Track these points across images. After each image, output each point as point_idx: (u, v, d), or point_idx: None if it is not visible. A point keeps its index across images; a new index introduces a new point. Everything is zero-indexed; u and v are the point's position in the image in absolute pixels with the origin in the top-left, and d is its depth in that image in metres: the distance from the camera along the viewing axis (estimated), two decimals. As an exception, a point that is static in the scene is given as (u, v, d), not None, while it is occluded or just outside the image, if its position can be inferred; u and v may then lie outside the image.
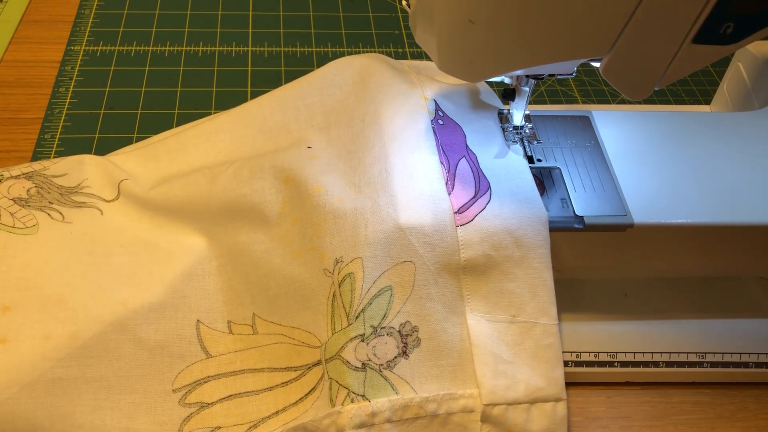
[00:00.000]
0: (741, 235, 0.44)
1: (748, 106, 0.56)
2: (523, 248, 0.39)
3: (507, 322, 0.39)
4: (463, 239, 0.39)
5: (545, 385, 0.39)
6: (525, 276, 0.39)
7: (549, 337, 0.40)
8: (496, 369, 0.39)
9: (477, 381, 0.38)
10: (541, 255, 0.40)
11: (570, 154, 0.46)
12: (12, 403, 0.34)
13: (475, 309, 0.39)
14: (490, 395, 0.38)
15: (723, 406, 0.47)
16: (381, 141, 0.43)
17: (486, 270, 0.39)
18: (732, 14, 0.33)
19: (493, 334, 0.39)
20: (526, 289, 0.39)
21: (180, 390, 0.37)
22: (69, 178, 0.43)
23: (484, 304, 0.40)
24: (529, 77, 0.44)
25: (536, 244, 0.40)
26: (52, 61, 0.66)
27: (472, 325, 0.39)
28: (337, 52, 0.71)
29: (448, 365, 0.38)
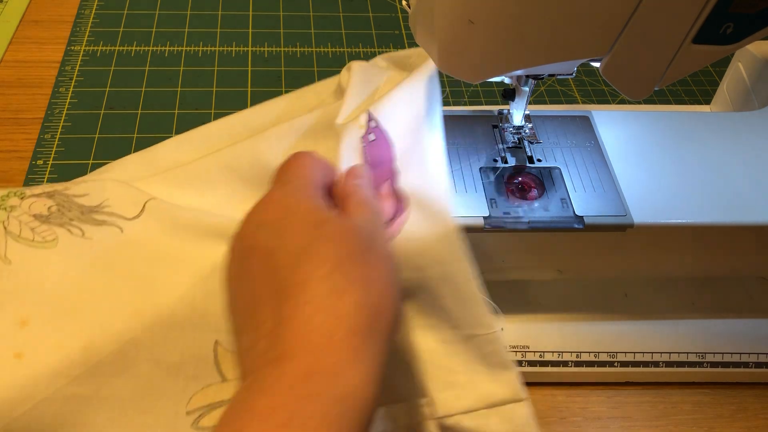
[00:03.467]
0: (741, 235, 0.44)
1: (748, 106, 0.56)
2: (442, 265, 0.38)
3: (448, 335, 0.39)
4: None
5: (498, 388, 0.38)
6: (451, 292, 0.38)
7: (490, 345, 0.38)
8: (446, 380, 0.38)
9: (428, 395, 0.38)
10: (461, 269, 0.38)
11: (570, 154, 0.46)
12: (25, 418, 0.33)
13: (419, 326, 0.39)
14: (441, 407, 0.38)
15: (723, 406, 0.47)
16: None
17: (415, 290, 0.38)
18: (732, 14, 0.33)
19: (437, 347, 0.38)
20: (455, 304, 0.38)
21: (193, 412, 0.36)
22: (90, 198, 0.42)
23: (423, 320, 0.39)
24: (529, 77, 0.44)
25: (454, 259, 0.38)
26: (52, 61, 0.66)
27: (415, 341, 0.38)
28: (337, 52, 0.71)
29: (400, 382, 0.38)
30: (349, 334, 0.26)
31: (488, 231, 0.42)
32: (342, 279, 0.28)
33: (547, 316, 0.48)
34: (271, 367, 0.26)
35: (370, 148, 0.40)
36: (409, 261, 0.37)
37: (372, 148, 0.40)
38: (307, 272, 0.28)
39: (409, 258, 0.37)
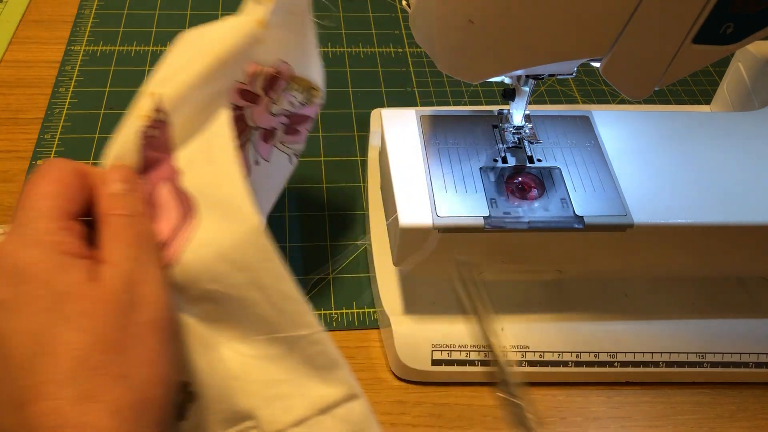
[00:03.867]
0: (741, 235, 0.44)
1: (748, 106, 0.56)
2: (247, 271, 0.33)
3: (264, 345, 0.34)
4: (179, 279, 0.32)
5: (329, 390, 0.35)
6: (262, 297, 0.33)
7: (315, 345, 0.35)
8: (269, 394, 0.34)
9: (251, 416, 0.34)
10: (270, 270, 0.33)
11: (570, 154, 0.46)
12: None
13: (231, 338, 0.34)
14: (269, 425, 0.34)
15: (723, 406, 0.47)
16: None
17: (221, 301, 0.34)
18: (732, 14, 0.33)
19: (253, 361, 0.34)
20: (269, 308, 0.34)
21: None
22: None
23: (231, 334, 0.34)
24: (529, 77, 0.44)
25: (260, 260, 0.33)
26: (52, 61, 0.66)
27: (229, 357, 0.34)
28: (337, 52, 0.71)
29: (223, 410, 0.34)
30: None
31: (488, 231, 0.42)
32: (91, 378, 0.23)
33: (547, 316, 0.48)
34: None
35: (148, 145, 0.34)
36: (207, 272, 0.32)
37: (146, 148, 0.34)
38: (45, 373, 0.22)
39: (206, 268, 0.32)
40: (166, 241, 0.32)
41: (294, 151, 0.46)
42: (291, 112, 0.44)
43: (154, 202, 0.33)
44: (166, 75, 0.34)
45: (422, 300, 0.48)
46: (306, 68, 0.43)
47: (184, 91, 0.34)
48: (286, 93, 0.43)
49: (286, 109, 0.44)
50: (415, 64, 0.70)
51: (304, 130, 0.46)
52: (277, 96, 0.43)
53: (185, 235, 0.33)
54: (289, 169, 0.47)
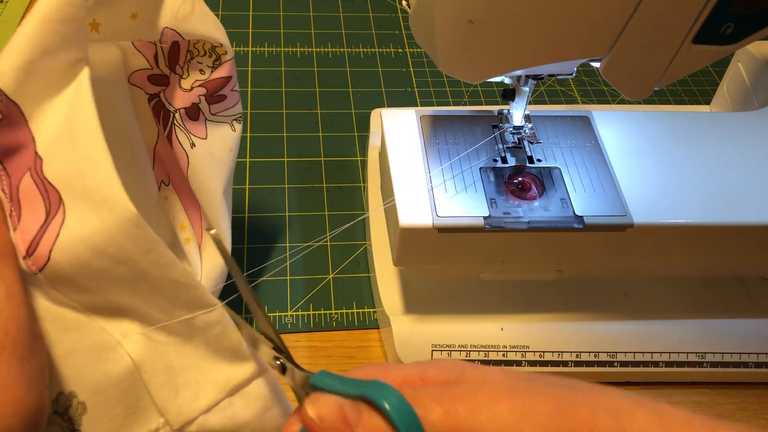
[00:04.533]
0: (741, 235, 0.44)
1: (747, 106, 0.56)
2: (128, 263, 0.30)
3: (160, 335, 0.33)
4: (53, 277, 0.29)
5: (235, 370, 0.34)
6: (150, 288, 0.31)
7: (215, 327, 0.33)
8: (176, 384, 0.33)
9: (159, 408, 0.32)
10: (153, 261, 0.30)
11: (570, 154, 0.46)
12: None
13: (128, 332, 0.32)
14: (179, 416, 0.32)
15: (723, 406, 0.47)
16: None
17: (107, 294, 0.31)
18: (732, 14, 0.33)
19: (150, 354, 0.32)
20: (161, 297, 0.31)
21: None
22: None
23: (133, 324, 0.32)
24: (528, 77, 0.44)
25: (140, 252, 0.30)
26: (52, 61, 0.66)
27: (132, 351, 0.32)
28: (337, 52, 0.71)
29: (122, 412, 0.31)
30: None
31: (488, 231, 0.42)
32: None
33: (547, 316, 0.48)
34: None
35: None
36: (85, 269, 0.29)
37: (1, 129, 0.30)
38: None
39: (83, 266, 0.29)
40: (32, 240, 0.29)
41: (233, 117, 0.44)
42: (204, 80, 0.42)
43: (16, 197, 0.30)
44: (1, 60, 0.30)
45: (422, 300, 0.48)
46: (197, 27, 0.39)
47: (22, 62, 0.29)
48: (192, 62, 0.41)
49: (197, 80, 0.41)
50: (415, 64, 0.70)
51: (230, 92, 0.43)
52: (183, 69, 0.41)
53: (53, 231, 0.29)
54: (234, 138, 0.44)
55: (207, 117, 0.43)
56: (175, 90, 0.42)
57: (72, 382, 0.30)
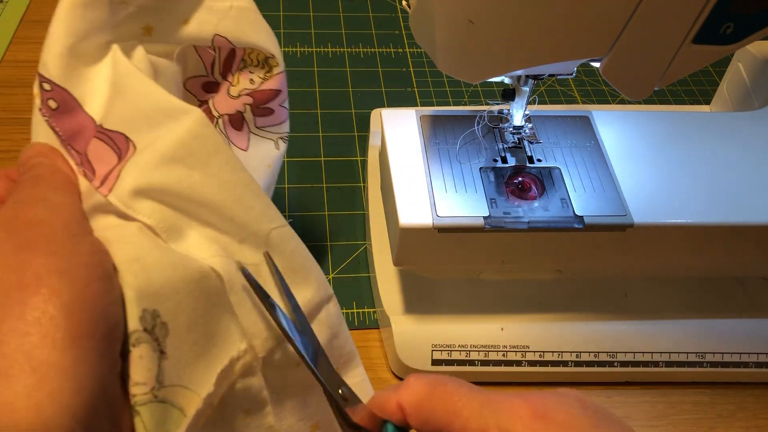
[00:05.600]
0: (741, 235, 0.44)
1: (747, 106, 0.56)
2: (198, 167, 0.30)
3: (244, 248, 0.32)
4: (122, 201, 0.29)
5: (311, 294, 0.33)
6: (224, 195, 0.30)
7: (289, 242, 0.32)
8: (260, 308, 0.32)
9: (246, 333, 0.31)
10: (225, 160, 0.30)
11: (570, 154, 0.46)
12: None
13: (209, 253, 0.31)
14: (266, 341, 0.32)
15: (723, 406, 0.47)
16: None
17: (178, 209, 0.30)
18: (732, 14, 0.33)
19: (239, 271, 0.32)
20: (235, 206, 0.31)
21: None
22: None
23: (212, 246, 0.31)
24: (529, 77, 0.44)
25: (210, 153, 0.30)
26: (52, 61, 0.66)
27: (220, 270, 0.30)
28: (337, 52, 0.71)
29: (203, 336, 0.30)
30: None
31: (488, 231, 0.42)
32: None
33: (547, 316, 0.48)
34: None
35: (57, 118, 0.31)
36: (152, 182, 0.29)
37: (59, 117, 0.31)
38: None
39: (150, 181, 0.29)
40: (105, 175, 0.30)
41: (279, 135, 0.44)
42: (253, 89, 0.41)
43: (86, 160, 0.31)
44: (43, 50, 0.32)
45: (422, 300, 0.48)
46: (249, 36, 0.39)
47: (61, 48, 0.31)
48: (243, 71, 0.41)
49: (246, 88, 0.41)
50: (415, 64, 0.70)
51: (279, 107, 0.43)
52: (235, 76, 0.41)
53: (123, 164, 0.30)
54: (276, 156, 0.43)
55: (251, 129, 0.42)
56: (222, 97, 0.41)
57: (154, 299, 0.28)
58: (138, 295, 0.27)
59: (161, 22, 0.37)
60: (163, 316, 0.28)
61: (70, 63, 0.31)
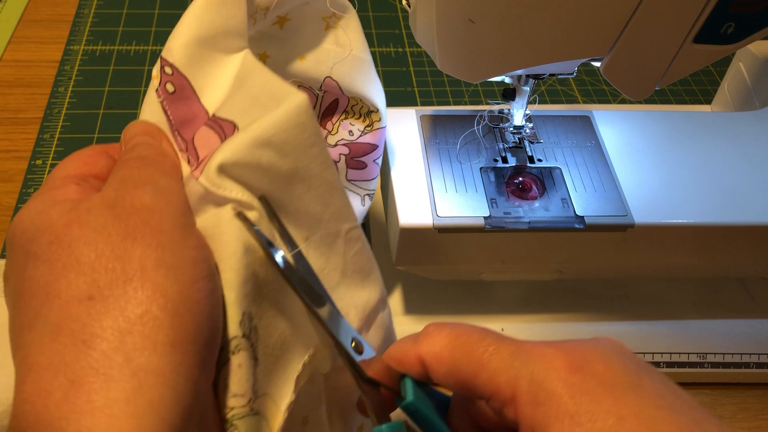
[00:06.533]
0: (741, 235, 0.44)
1: (749, 105, 0.56)
2: (290, 155, 0.28)
3: (303, 248, 0.29)
4: (210, 180, 0.27)
5: (368, 296, 0.32)
6: (306, 188, 0.29)
7: (356, 243, 0.31)
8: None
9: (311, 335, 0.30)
10: (315, 154, 0.28)
11: (570, 153, 0.46)
12: None
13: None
14: (325, 348, 0.30)
15: (724, 407, 0.47)
16: None
17: (256, 191, 0.28)
18: (733, 14, 0.33)
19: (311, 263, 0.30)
20: (314, 202, 0.29)
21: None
22: None
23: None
24: (529, 77, 0.44)
25: (305, 144, 0.28)
26: (51, 60, 0.66)
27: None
28: (337, 51, 0.70)
29: (279, 339, 0.28)
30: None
31: (488, 231, 0.42)
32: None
33: (547, 316, 0.48)
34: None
35: (171, 102, 0.31)
36: (246, 162, 0.27)
37: (173, 102, 0.31)
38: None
39: (243, 160, 0.27)
40: (200, 162, 0.29)
41: (367, 192, 0.42)
42: (351, 141, 0.40)
43: (192, 147, 0.30)
44: (171, 37, 0.32)
45: (422, 300, 0.48)
46: (359, 86, 0.39)
47: (189, 38, 0.31)
48: (344, 122, 0.40)
49: (343, 139, 0.40)
50: (415, 64, 0.70)
51: (372, 163, 0.41)
52: (335, 126, 0.40)
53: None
54: (361, 213, 0.42)
55: (344, 182, 0.41)
56: None
57: (249, 301, 0.26)
58: (238, 297, 0.25)
59: (279, 52, 0.36)
60: (255, 318, 0.26)
61: (195, 54, 0.31)
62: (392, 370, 0.25)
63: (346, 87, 0.38)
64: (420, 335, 0.25)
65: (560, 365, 0.22)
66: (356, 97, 0.39)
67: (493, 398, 0.23)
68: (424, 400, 0.25)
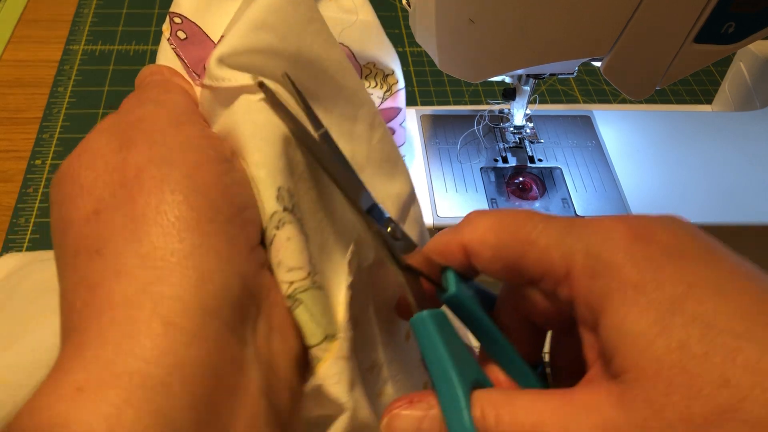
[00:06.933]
0: (741, 235, 0.44)
1: (749, 105, 0.56)
2: (289, 36, 0.26)
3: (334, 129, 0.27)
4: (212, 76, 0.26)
5: (399, 188, 0.30)
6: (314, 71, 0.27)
7: (377, 129, 0.29)
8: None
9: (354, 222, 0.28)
10: (317, 31, 0.27)
11: (571, 153, 0.46)
12: None
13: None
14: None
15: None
16: None
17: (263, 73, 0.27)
18: (733, 14, 0.33)
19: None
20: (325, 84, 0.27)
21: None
22: None
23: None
24: (529, 76, 0.44)
25: (302, 21, 0.27)
26: (50, 60, 0.66)
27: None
28: (336, 51, 0.70)
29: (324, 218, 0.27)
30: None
31: (489, 231, 0.42)
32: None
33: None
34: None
35: (184, 47, 0.31)
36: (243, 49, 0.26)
37: (186, 46, 0.31)
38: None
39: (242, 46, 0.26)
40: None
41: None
42: None
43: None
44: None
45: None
46: (371, 50, 0.37)
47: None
48: None
49: None
50: (416, 63, 0.70)
51: (399, 127, 0.41)
52: None
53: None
54: None
55: None
56: None
57: (285, 176, 0.24)
58: (270, 172, 0.23)
59: None
60: (296, 195, 0.24)
61: (201, 4, 0.31)
62: (434, 263, 0.23)
63: (358, 53, 0.37)
64: (461, 223, 0.23)
65: (619, 235, 0.20)
66: (369, 64, 0.38)
67: (545, 278, 0.21)
68: (467, 293, 0.23)
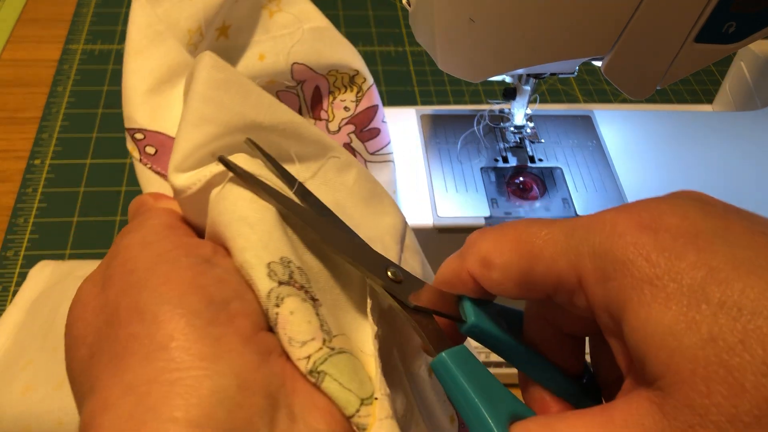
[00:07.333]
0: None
1: (750, 105, 0.56)
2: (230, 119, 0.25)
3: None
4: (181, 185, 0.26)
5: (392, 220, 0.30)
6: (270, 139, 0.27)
7: (350, 170, 0.28)
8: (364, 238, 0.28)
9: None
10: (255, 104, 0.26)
11: (572, 153, 0.46)
12: None
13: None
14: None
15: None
16: None
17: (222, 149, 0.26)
18: (734, 13, 0.32)
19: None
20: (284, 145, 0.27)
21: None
22: None
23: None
24: (530, 76, 0.43)
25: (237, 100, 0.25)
26: (49, 60, 0.66)
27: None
28: (336, 51, 0.70)
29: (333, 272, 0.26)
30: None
31: (489, 231, 0.42)
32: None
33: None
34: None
35: (158, 161, 0.30)
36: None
37: (160, 159, 0.30)
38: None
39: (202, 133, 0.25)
40: None
41: (390, 153, 0.41)
42: (351, 116, 0.39)
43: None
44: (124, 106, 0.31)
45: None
46: (327, 56, 0.36)
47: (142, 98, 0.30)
48: (335, 103, 0.38)
49: (343, 118, 0.39)
50: (416, 63, 0.70)
51: (381, 124, 0.40)
52: (328, 112, 0.39)
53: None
54: (396, 180, 0.41)
55: (366, 158, 0.40)
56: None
57: (274, 248, 0.23)
58: (255, 253, 0.22)
59: (237, 61, 0.35)
60: (294, 260, 0.23)
61: (153, 105, 0.30)
62: (447, 295, 0.22)
63: (316, 63, 0.36)
64: (464, 248, 0.21)
65: (624, 229, 0.18)
66: (332, 71, 0.37)
67: (558, 290, 0.19)
68: (487, 320, 0.22)
